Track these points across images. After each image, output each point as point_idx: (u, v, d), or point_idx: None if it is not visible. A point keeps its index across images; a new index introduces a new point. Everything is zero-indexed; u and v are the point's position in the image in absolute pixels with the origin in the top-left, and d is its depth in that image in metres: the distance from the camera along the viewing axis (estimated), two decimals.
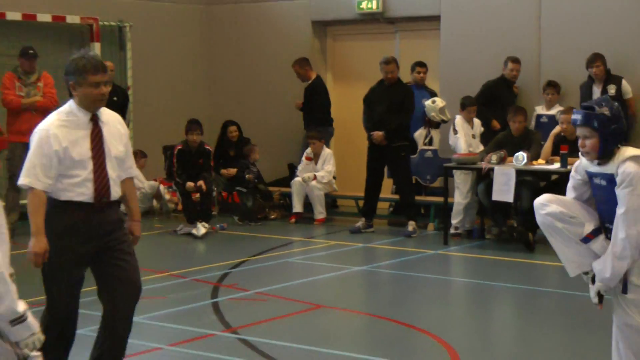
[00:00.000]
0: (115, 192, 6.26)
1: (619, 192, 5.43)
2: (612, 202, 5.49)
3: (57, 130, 6.13)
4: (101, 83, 6.18)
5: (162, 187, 15.23)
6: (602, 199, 5.64)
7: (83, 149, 6.11)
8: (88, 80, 6.10)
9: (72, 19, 14.99)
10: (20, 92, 12.98)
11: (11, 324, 4.82)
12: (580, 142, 5.64)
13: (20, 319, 4.85)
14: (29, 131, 12.77)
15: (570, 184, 5.78)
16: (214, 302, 9.40)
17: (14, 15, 14.25)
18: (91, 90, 6.13)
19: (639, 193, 5.43)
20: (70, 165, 6.09)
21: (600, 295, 5.57)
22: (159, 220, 14.69)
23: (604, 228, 5.61)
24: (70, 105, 6.24)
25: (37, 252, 6.03)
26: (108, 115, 6.37)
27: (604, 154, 5.60)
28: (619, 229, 5.43)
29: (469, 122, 13.16)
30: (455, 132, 13.07)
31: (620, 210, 5.33)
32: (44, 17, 14.63)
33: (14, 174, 12.91)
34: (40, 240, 6.02)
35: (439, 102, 13.66)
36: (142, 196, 14.91)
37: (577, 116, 5.69)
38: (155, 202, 15.39)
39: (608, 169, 5.52)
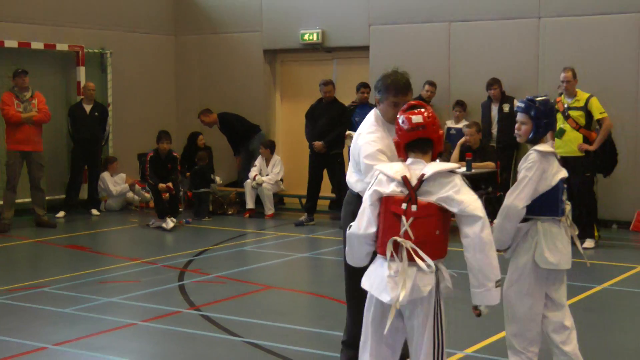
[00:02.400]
0: None
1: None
2: None
3: None
4: None
5: (136, 186, 15.13)
6: None
7: None
8: None
9: (61, 46, 14.94)
10: (18, 108, 12.97)
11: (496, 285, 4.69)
12: (517, 126, 5.72)
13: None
14: (25, 141, 12.90)
15: None
16: (180, 284, 9.32)
17: (11, 43, 14.19)
18: None
19: (524, 175, 5.57)
20: None
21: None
22: (133, 216, 14.45)
23: None
24: None
25: None
26: None
27: (533, 140, 5.67)
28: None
29: None
30: (349, 137, 13.15)
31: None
32: (37, 45, 14.58)
33: (12, 177, 12.85)
34: None
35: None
36: (115, 199, 14.89)
37: (520, 104, 5.75)
38: (131, 194, 15.29)
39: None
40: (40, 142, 13.38)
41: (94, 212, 14.61)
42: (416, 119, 4.67)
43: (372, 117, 5.83)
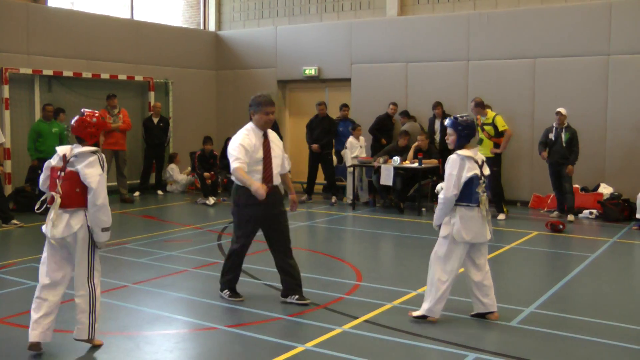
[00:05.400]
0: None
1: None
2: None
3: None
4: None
5: (188, 176, 15.04)
6: None
7: None
8: None
9: (138, 77, 14.93)
10: (109, 121, 13.11)
11: (102, 230, 4.88)
12: (446, 137, 5.78)
13: (109, 228, 4.93)
14: (114, 143, 13.08)
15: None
16: (218, 243, 9.32)
17: (105, 76, 14.20)
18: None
19: (449, 172, 5.60)
20: None
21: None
22: (187, 196, 14.44)
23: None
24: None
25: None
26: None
27: (458, 147, 5.69)
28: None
29: (357, 138, 13.20)
30: (345, 147, 13.25)
31: None
32: (122, 77, 14.57)
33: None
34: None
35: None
36: (180, 185, 14.82)
37: (448, 121, 5.77)
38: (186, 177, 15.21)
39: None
40: (124, 143, 13.48)
41: (159, 192, 14.64)
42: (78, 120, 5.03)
43: (248, 125, 6.10)
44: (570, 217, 11.16)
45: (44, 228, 4.93)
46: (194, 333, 5.52)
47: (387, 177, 11.90)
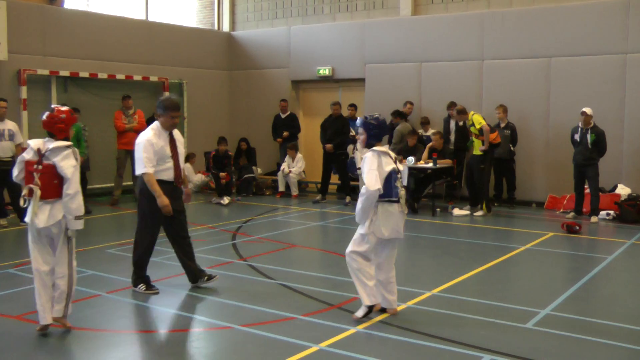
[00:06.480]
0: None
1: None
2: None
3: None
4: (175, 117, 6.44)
5: (202, 176, 15.06)
6: None
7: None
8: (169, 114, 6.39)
9: (153, 78, 15.00)
10: (124, 121, 13.21)
11: (75, 218, 5.19)
12: (357, 136, 5.86)
13: (82, 216, 5.23)
14: (129, 143, 13.22)
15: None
16: (233, 243, 9.35)
17: (120, 77, 14.29)
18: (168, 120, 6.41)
19: (368, 169, 5.54)
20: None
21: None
22: (201, 196, 14.50)
23: None
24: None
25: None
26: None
27: (368, 145, 5.69)
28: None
29: None
30: (356, 149, 13.19)
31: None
32: (137, 77, 14.65)
33: (120, 167, 13.16)
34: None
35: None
36: (194, 185, 14.87)
37: (358, 121, 5.79)
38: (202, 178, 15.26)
39: None
40: None
41: None
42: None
43: (154, 125, 6.41)
44: (594, 218, 11.03)
45: (27, 219, 5.24)
46: (208, 332, 5.52)
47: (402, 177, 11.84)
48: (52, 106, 5.42)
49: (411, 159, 11.94)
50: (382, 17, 14.90)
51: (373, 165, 5.51)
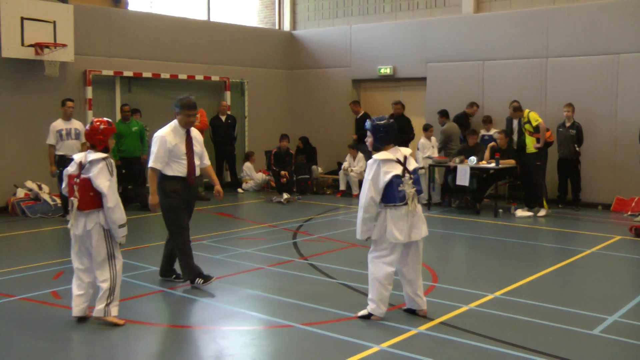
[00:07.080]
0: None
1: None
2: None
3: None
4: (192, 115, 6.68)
5: (263, 174, 15.16)
6: None
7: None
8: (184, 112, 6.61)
9: (215, 78, 15.22)
10: None
11: (119, 227, 5.52)
12: (366, 139, 5.74)
13: (124, 224, 5.54)
14: None
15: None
16: (293, 242, 9.39)
17: (182, 77, 14.54)
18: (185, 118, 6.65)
19: (365, 178, 5.55)
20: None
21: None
22: (262, 194, 14.63)
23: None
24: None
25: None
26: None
27: (375, 149, 5.64)
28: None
29: (429, 139, 13.07)
30: (418, 149, 13.12)
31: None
32: (199, 77, 14.91)
33: None
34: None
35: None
36: (254, 184, 14.97)
37: (367, 124, 5.72)
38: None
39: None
40: None
41: (240, 190, 14.83)
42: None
43: (172, 123, 6.65)
44: None
45: (68, 225, 5.69)
46: (269, 330, 5.57)
47: (463, 178, 11.71)
48: (93, 119, 5.76)
49: (473, 158, 11.78)
50: (444, 15, 14.73)
51: (368, 176, 5.56)
